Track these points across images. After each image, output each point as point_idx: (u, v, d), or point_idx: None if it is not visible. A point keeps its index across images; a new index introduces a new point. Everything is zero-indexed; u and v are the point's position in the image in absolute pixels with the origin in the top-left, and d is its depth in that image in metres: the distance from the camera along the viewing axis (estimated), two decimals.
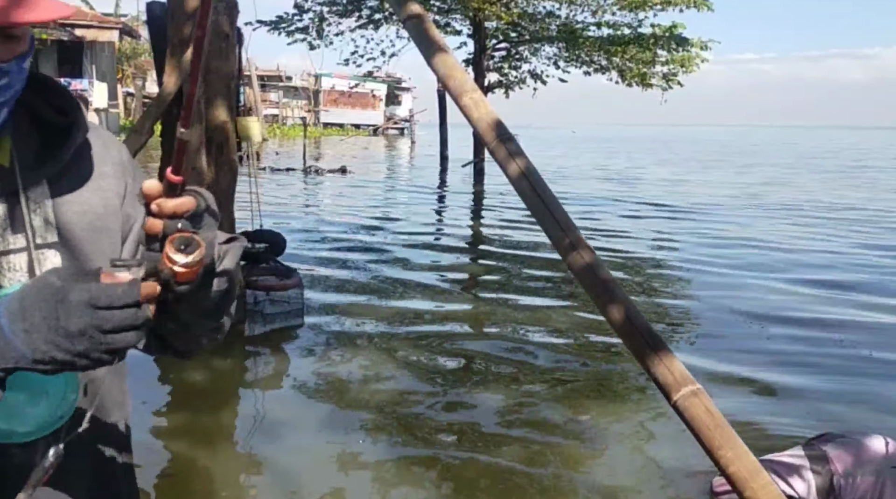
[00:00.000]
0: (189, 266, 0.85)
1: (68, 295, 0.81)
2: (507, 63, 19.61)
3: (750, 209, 14.06)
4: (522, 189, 2.16)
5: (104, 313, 0.81)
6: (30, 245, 0.96)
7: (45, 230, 0.98)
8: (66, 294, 0.81)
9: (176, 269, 0.84)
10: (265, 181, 16.01)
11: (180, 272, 0.85)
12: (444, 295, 6.95)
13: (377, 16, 18.37)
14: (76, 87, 28.61)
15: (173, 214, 0.85)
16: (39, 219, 0.98)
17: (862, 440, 2.93)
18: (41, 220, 0.98)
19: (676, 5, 16.49)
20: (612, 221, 12.29)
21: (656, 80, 18.57)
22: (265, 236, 6.19)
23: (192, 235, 0.86)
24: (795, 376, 4.81)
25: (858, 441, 2.92)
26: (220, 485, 3.39)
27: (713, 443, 1.87)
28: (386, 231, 10.95)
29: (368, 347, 5.26)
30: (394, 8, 2.72)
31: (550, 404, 4.28)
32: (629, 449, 3.70)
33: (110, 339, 0.81)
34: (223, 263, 1.01)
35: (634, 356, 2.03)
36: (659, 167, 27.62)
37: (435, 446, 3.73)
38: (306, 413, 4.12)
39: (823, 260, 8.87)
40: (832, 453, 2.85)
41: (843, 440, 2.91)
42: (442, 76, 2.30)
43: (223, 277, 1.00)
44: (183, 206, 0.86)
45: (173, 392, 4.37)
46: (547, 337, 5.64)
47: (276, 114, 49.94)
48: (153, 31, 5.60)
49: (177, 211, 0.85)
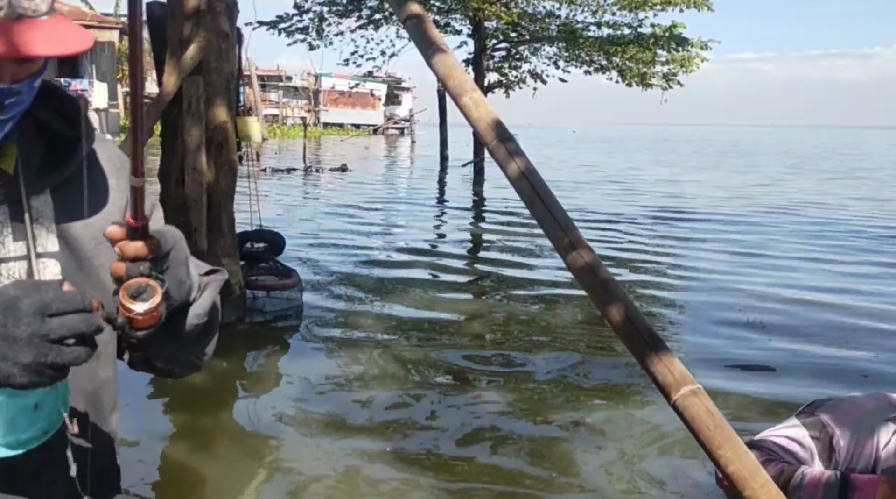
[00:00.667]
0: (143, 314, 0.84)
1: (18, 302, 0.79)
2: (506, 63, 19.63)
3: (749, 210, 14.06)
4: (522, 189, 2.16)
5: (53, 322, 0.79)
6: (30, 253, 0.96)
7: (46, 239, 0.97)
8: (16, 302, 0.80)
9: (131, 316, 0.84)
10: (265, 181, 16.02)
11: (135, 319, 0.84)
12: (444, 294, 6.95)
13: (377, 16, 18.39)
14: (76, 87, 28.60)
15: (135, 257, 0.84)
16: (41, 228, 0.97)
17: (850, 400, 2.97)
18: (43, 229, 0.97)
19: (676, 5, 16.50)
20: (609, 220, 12.29)
21: (656, 79, 18.59)
22: (265, 236, 6.20)
23: (148, 281, 0.85)
24: (795, 375, 4.81)
25: (847, 400, 2.97)
26: (219, 485, 3.39)
27: (713, 443, 1.87)
28: (385, 230, 10.95)
29: (368, 346, 5.26)
30: (394, 8, 2.72)
31: (550, 404, 4.28)
32: (629, 448, 3.70)
33: (57, 351, 0.79)
34: (201, 297, 1.00)
35: (634, 356, 2.03)
36: (657, 167, 27.63)
37: (434, 446, 3.73)
38: (306, 413, 4.12)
39: (825, 261, 8.87)
40: (825, 417, 2.87)
41: (832, 403, 2.95)
42: (442, 76, 2.30)
43: (200, 312, 0.99)
44: (144, 249, 0.84)
45: (172, 392, 4.37)
46: (546, 336, 5.65)
47: (276, 114, 49.94)
48: (153, 31, 5.59)
49: (138, 254, 0.84)
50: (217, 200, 5.48)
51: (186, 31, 5.28)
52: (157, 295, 0.85)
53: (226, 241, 5.56)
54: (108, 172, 1.06)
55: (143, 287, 0.84)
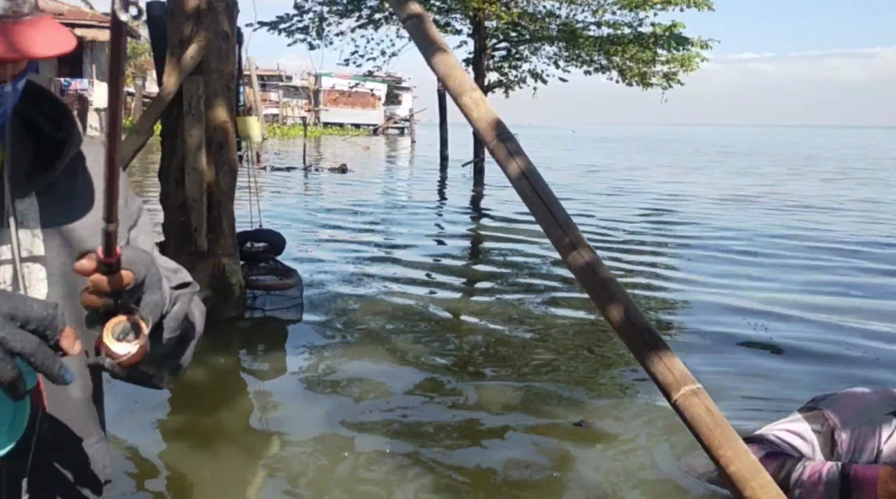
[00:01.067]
0: (133, 356, 0.83)
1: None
2: (507, 62, 19.64)
3: (749, 210, 14.06)
4: (522, 188, 2.17)
5: (16, 331, 0.77)
6: (15, 257, 0.94)
7: (32, 244, 0.95)
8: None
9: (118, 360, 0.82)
10: (265, 181, 16.03)
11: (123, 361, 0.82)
12: (444, 294, 6.96)
13: (377, 16, 18.40)
14: (76, 87, 28.62)
15: (111, 291, 0.82)
16: (26, 231, 0.95)
17: (852, 394, 2.99)
18: (28, 232, 0.95)
19: (676, 5, 16.52)
20: (607, 221, 12.29)
21: (656, 79, 18.61)
22: (265, 236, 6.20)
23: (132, 319, 0.83)
24: (796, 374, 4.81)
25: (849, 394, 2.98)
26: (217, 484, 3.39)
27: (713, 442, 1.87)
28: (385, 230, 10.95)
29: (368, 346, 5.26)
30: (394, 8, 2.72)
31: (550, 404, 4.28)
32: (629, 448, 3.70)
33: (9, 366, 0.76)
34: (172, 309, 0.98)
35: (634, 355, 2.03)
36: (657, 168, 27.63)
37: (434, 445, 3.73)
38: (305, 412, 4.12)
39: (825, 261, 8.87)
40: (827, 411, 2.88)
41: (834, 397, 2.97)
42: (442, 76, 2.31)
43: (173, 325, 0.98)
44: (119, 281, 0.82)
45: (171, 391, 4.37)
46: (546, 336, 5.65)
47: (277, 113, 49.95)
48: (153, 31, 5.60)
49: (114, 288, 0.82)
50: (217, 200, 5.48)
51: (186, 31, 5.29)
52: (144, 332, 0.84)
53: (226, 241, 5.56)
54: (97, 174, 1.03)
55: (128, 328, 0.83)
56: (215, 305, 5.34)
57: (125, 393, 4.12)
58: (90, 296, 0.83)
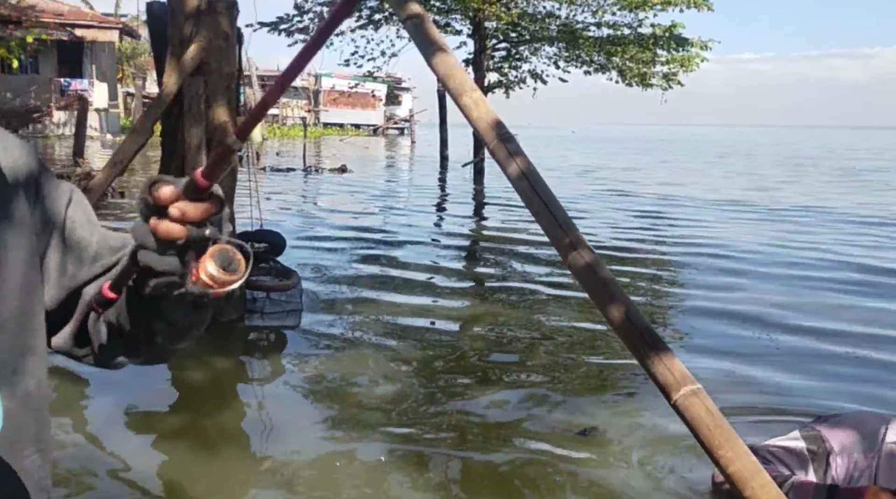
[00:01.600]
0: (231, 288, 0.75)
1: None
2: (507, 63, 19.65)
3: (750, 211, 14.06)
4: (522, 189, 2.17)
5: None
6: None
7: None
8: None
9: (215, 288, 0.74)
10: (266, 181, 16.02)
11: (216, 292, 0.75)
12: (444, 295, 6.95)
13: (377, 16, 18.42)
14: (76, 87, 28.61)
15: (200, 220, 0.75)
16: None
17: (855, 419, 2.99)
18: None
19: (676, 5, 16.53)
20: (605, 221, 12.29)
21: (656, 79, 18.63)
22: (265, 236, 6.19)
23: (233, 250, 0.75)
24: (796, 376, 4.81)
25: (851, 419, 2.98)
26: (218, 485, 3.39)
27: (713, 443, 1.87)
28: (385, 231, 10.95)
29: (367, 346, 5.26)
30: (394, 8, 2.72)
31: (550, 404, 4.28)
32: (629, 448, 3.70)
33: None
34: None
35: (634, 356, 2.03)
36: (656, 168, 27.63)
37: (434, 446, 3.73)
38: (305, 413, 4.12)
39: (825, 261, 8.87)
40: (826, 433, 2.89)
41: (836, 420, 2.96)
42: (442, 76, 2.31)
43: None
44: (210, 211, 0.75)
45: (171, 392, 4.36)
46: (546, 336, 5.65)
47: (277, 114, 49.94)
48: (153, 31, 5.61)
49: (205, 217, 0.75)
50: None
51: (187, 31, 5.29)
52: (244, 265, 0.75)
53: None
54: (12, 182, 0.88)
55: (230, 257, 0.75)
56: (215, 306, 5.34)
57: (123, 394, 4.12)
58: (172, 225, 0.74)
